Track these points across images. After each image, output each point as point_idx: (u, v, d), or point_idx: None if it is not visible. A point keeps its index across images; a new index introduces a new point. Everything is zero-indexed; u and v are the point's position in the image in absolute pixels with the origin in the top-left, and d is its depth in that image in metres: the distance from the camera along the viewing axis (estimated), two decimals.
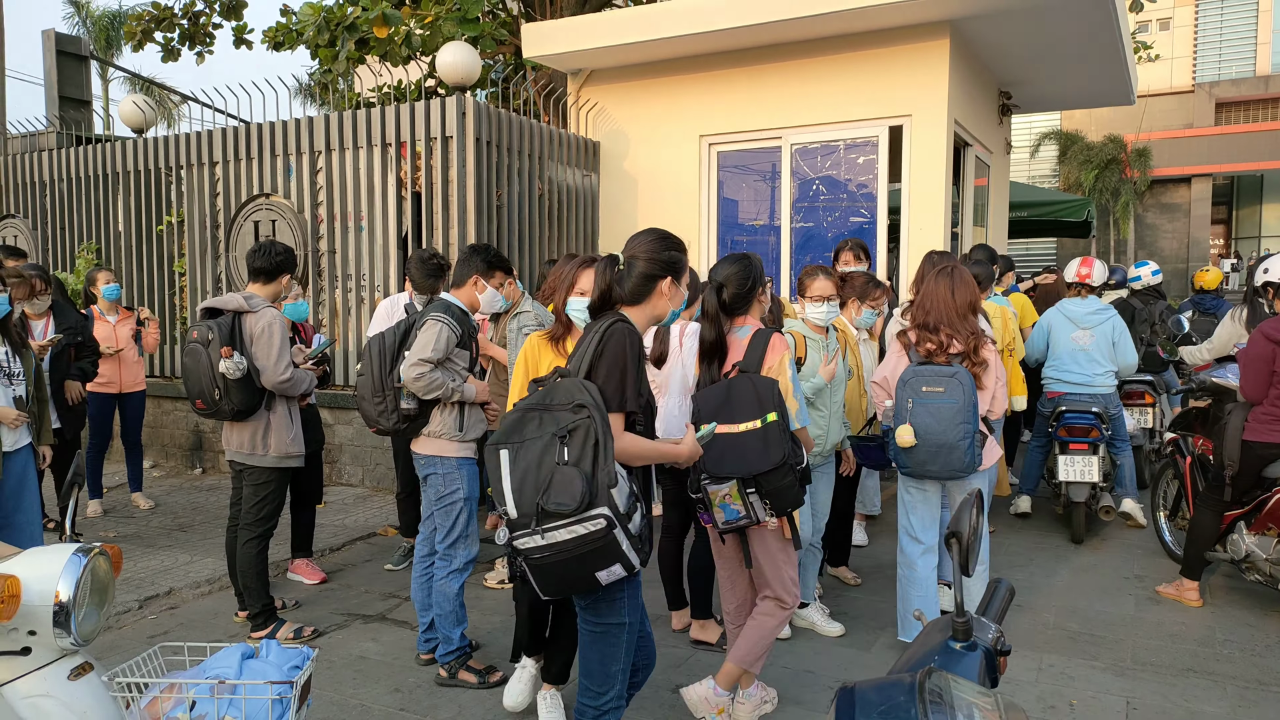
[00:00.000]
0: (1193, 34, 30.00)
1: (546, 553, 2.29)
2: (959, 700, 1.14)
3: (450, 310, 3.90)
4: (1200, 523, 4.70)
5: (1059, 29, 7.47)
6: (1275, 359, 4.26)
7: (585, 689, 2.61)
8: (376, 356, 3.92)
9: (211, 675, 2.17)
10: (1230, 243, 30.46)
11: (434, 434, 3.92)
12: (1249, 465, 4.42)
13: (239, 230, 7.88)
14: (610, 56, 8.17)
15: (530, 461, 2.29)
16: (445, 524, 3.96)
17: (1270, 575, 4.43)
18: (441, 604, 3.93)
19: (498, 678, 3.92)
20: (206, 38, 11.70)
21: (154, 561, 5.57)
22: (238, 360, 4.12)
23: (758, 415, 3.10)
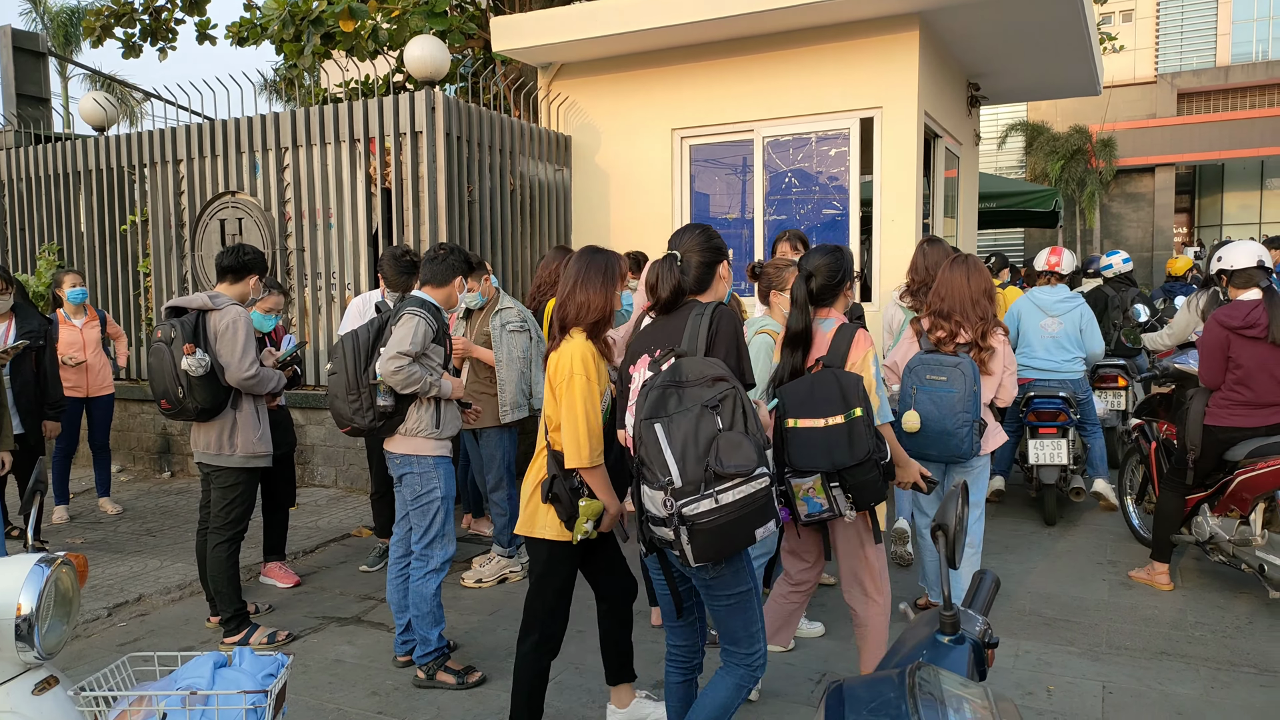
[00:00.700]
0: (1155, 25, 30.42)
1: (715, 515, 2.40)
2: (949, 695, 1.12)
3: (426, 305, 3.87)
4: (1165, 506, 4.78)
5: (1026, 19, 7.52)
6: (1229, 345, 4.34)
7: (735, 654, 2.77)
8: (350, 354, 3.83)
9: (183, 685, 2.11)
10: (1193, 231, 30.94)
11: (410, 432, 3.87)
12: (1210, 449, 4.50)
13: (204, 229, 7.75)
14: (581, 50, 8.11)
15: (687, 432, 2.42)
16: (422, 524, 3.91)
17: (1233, 555, 4.52)
18: (419, 604, 3.89)
19: (476, 678, 3.90)
20: (168, 33, 11.47)
21: (122, 568, 5.47)
22: (200, 357, 4.05)
23: (842, 410, 3.13)
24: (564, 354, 3.00)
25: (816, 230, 7.82)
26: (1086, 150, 27.24)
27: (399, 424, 3.87)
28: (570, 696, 3.74)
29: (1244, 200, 30.58)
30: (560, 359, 3.00)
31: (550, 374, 3.04)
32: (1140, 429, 5.42)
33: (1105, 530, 5.86)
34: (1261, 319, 4.27)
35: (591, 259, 3.08)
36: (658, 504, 2.47)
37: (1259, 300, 4.35)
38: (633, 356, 2.87)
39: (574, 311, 3.03)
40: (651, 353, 2.76)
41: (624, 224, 8.40)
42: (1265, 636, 4.17)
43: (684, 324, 2.76)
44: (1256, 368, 4.31)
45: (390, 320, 3.87)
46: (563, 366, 2.98)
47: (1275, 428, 4.35)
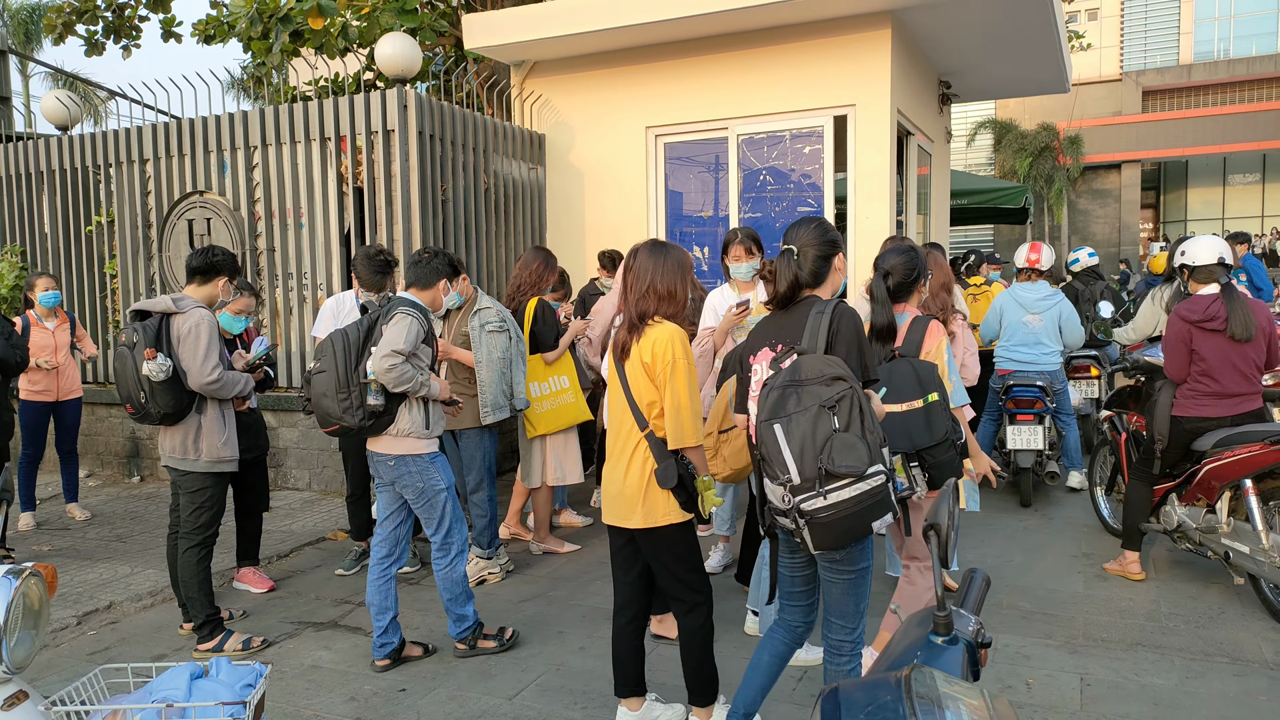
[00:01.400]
0: (1119, 24, 30.84)
1: (830, 511, 2.51)
2: (945, 696, 1.12)
3: (418, 306, 3.94)
4: (1134, 495, 4.87)
5: (997, 18, 7.58)
6: (1191, 339, 4.42)
7: (840, 628, 2.88)
8: (341, 352, 3.82)
9: (158, 698, 2.06)
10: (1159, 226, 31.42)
11: (401, 433, 3.91)
12: (1178, 439, 4.58)
13: (172, 229, 7.62)
14: (554, 48, 8.07)
15: (804, 431, 2.52)
16: (433, 516, 4.01)
17: (1200, 543, 4.60)
18: (451, 588, 4.05)
19: (510, 634, 4.21)
20: (132, 31, 11.25)
21: (92, 575, 5.37)
22: (161, 362, 3.99)
23: (919, 395, 3.34)
24: (660, 341, 3.07)
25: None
26: (1054, 147, 27.58)
27: (387, 424, 3.89)
28: (553, 698, 3.71)
29: (1207, 196, 31.11)
30: (657, 347, 3.07)
31: (646, 361, 3.08)
32: (1110, 420, 5.52)
33: (1080, 524, 5.93)
34: (1220, 312, 4.35)
35: (666, 252, 3.18)
36: (778, 498, 2.60)
37: (1218, 294, 4.43)
38: (752, 349, 2.99)
39: (654, 303, 3.13)
40: (773, 346, 2.90)
41: (598, 222, 8.37)
42: (1237, 626, 4.23)
43: (802, 319, 2.85)
44: (1219, 360, 4.39)
45: (380, 320, 3.88)
46: (662, 354, 3.05)
47: (1240, 418, 4.44)
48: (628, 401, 3.15)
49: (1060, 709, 3.50)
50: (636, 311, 3.14)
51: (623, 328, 3.20)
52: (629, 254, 3.26)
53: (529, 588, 5.04)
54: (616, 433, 3.23)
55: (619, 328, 3.25)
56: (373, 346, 3.82)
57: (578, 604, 4.77)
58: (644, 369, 3.10)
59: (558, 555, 5.59)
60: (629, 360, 3.15)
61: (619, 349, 3.19)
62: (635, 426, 3.15)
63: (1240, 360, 4.39)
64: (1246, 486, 4.28)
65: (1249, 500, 4.26)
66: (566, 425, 5.36)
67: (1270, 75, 29.02)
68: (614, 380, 3.24)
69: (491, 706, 3.65)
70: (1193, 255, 4.53)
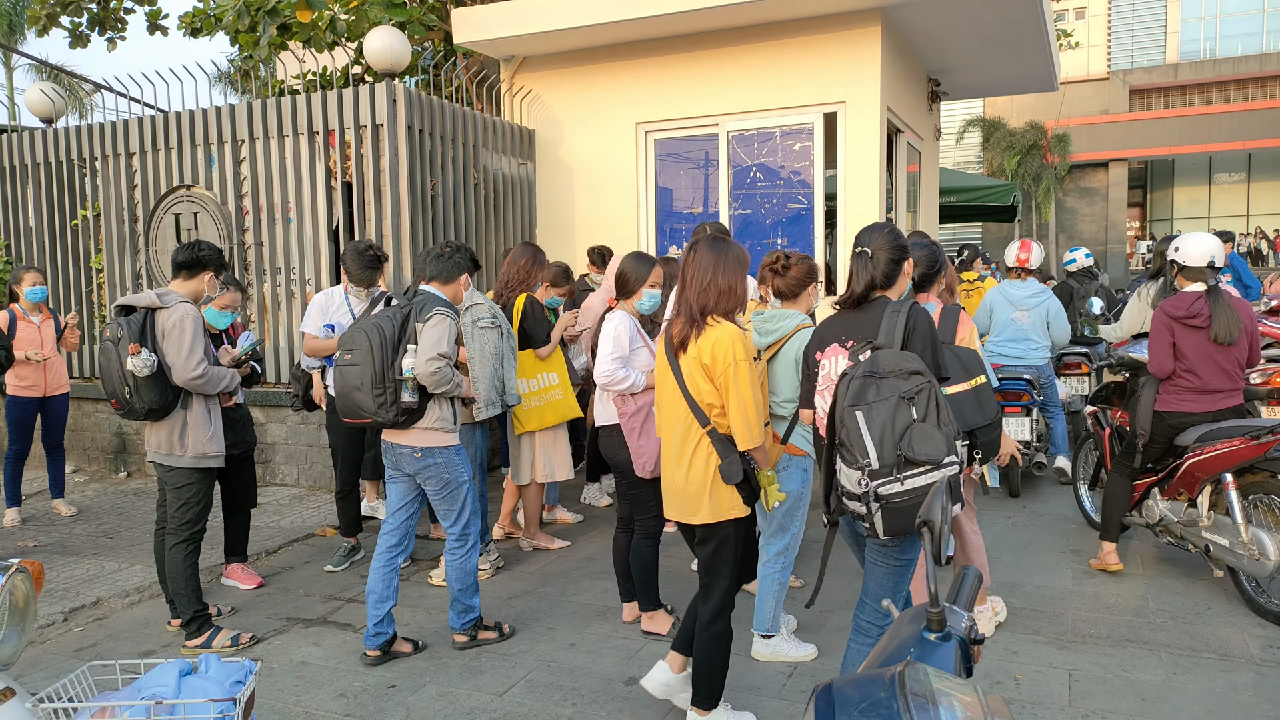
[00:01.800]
0: (1107, 23, 30.98)
1: (905, 496, 2.62)
2: (939, 692, 1.12)
3: (451, 305, 4.03)
4: (1114, 487, 4.94)
5: (986, 15, 7.60)
6: (1174, 334, 4.48)
7: (873, 610, 3.00)
8: (378, 348, 3.80)
9: (147, 695, 2.04)
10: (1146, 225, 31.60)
11: (430, 427, 3.97)
12: (1160, 434, 4.65)
13: (159, 223, 7.57)
14: (544, 43, 8.05)
15: (884, 420, 2.63)
16: (453, 508, 4.08)
17: (1181, 537, 4.67)
18: (464, 578, 4.12)
19: (508, 629, 4.28)
20: (118, 23, 11.16)
21: (78, 571, 5.33)
22: (145, 357, 3.96)
23: (968, 379, 3.47)
24: (720, 343, 3.08)
25: (781, 225, 7.85)
26: (1042, 145, 27.69)
27: (417, 419, 3.95)
28: (543, 694, 3.71)
29: (1193, 195, 31.31)
30: (717, 349, 3.08)
31: (705, 362, 3.11)
32: (1095, 416, 5.59)
33: (1067, 520, 5.96)
34: (1204, 310, 4.41)
35: (727, 247, 3.19)
36: (853, 482, 2.67)
37: (1203, 293, 4.48)
38: (820, 344, 3.11)
39: (714, 298, 3.13)
40: (842, 342, 3.03)
41: (588, 218, 8.36)
42: (1223, 621, 4.26)
43: (875, 318, 2.97)
44: (1201, 357, 4.45)
45: (412, 316, 3.89)
46: (723, 354, 3.07)
47: (1222, 413, 4.50)
48: (685, 398, 3.17)
49: (1049, 704, 3.52)
50: (698, 306, 3.14)
51: (679, 321, 3.20)
52: (688, 248, 3.24)
53: (519, 584, 5.03)
54: (673, 429, 3.25)
55: (673, 320, 3.25)
56: (409, 344, 3.83)
57: (568, 600, 4.76)
58: (703, 370, 3.12)
59: (548, 552, 5.59)
60: (685, 356, 3.16)
61: (677, 342, 3.19)
62: (694, 423, 3.17)
63: (1222, 358, 4.44)
64: (1227, 481, 4.34)
65: (1229, 494, 4.32)
66: (555, 422, 5.35)
67: (1256, 75, 29.24)
68: (667, 374, 3.24)
69: (481, 703, 3.65)
70: (1185, 253, 4.58)
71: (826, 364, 3.07)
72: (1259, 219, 30.25)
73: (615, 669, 3.91)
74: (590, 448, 6.62)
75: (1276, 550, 4.11)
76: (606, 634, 4.30)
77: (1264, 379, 6.06)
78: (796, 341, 3.72)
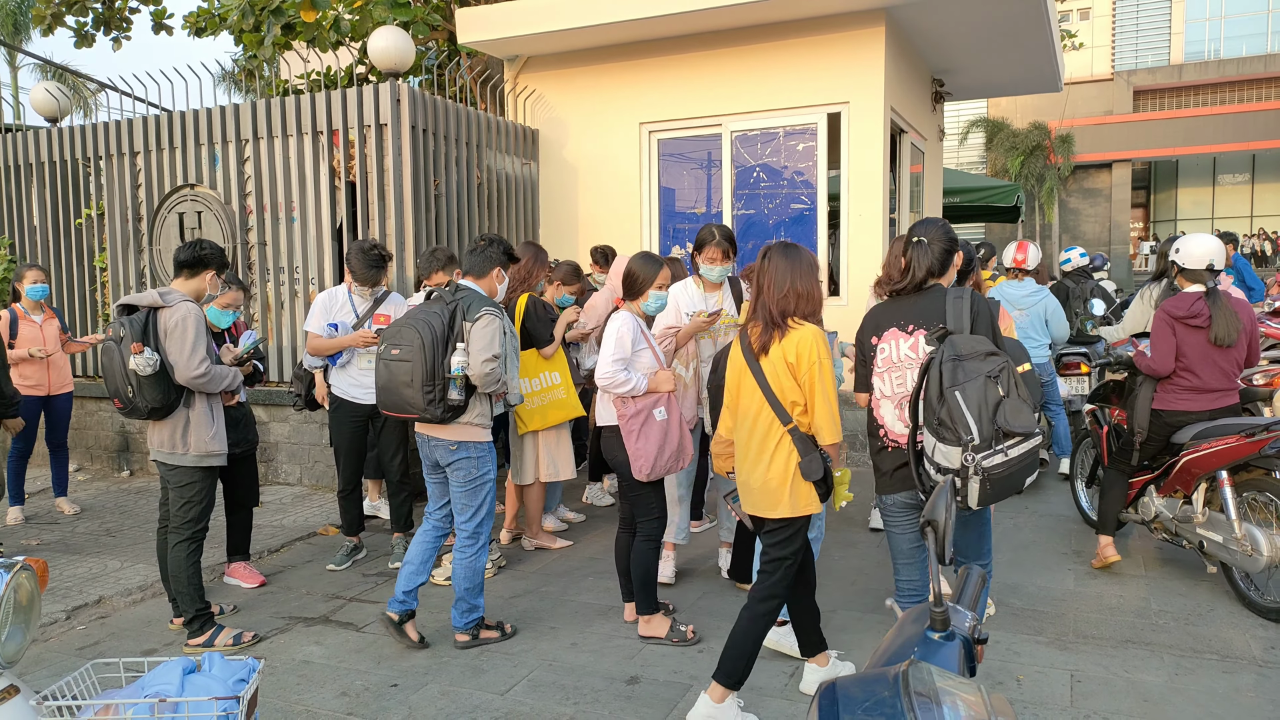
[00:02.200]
0: (1111, 24, 30.92)
1: (1004, 466, 2.92)
2: (943, 692, 1.12)
3: (495, 304, 4.06)
4: (1110, 483, 5.02)
5: (990, 16, 7.60)
6: (1175, 334, 4.56)
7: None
8: (430, 345, 3.87)
9: (151, 693, 2.05)
10: (1149, 226, 31.55)
11: (469, 421, 4.05)
12: (1157, 432, 4.73)
13: (163, 223, 7.58)
14: (547, 43, 8.05)
15: (978, 398, 2.90)
16: (473, 503, 4.10)
17: (1175, 533, 4.73)
18: (470, 577, 4.12)
19: (510, 628, 4.29)
20: (123, 22, 11.16)
21: (81, 569, 5.34)
22: (148, 356, 3.97)
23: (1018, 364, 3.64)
24: (804, 343, 3.24)
25: (785, 225, 7.84)
26: (1045, 146, 27.66)
27: (461, 414, 4.01)
28: (545, 694, 3.71)
29: (1197, 196, 31.26)
30: (801, 348, 3.24)
31: (791, 361, 3.25)
32: (1093, 414, 5.62)
33: (1069, 520, 5.95)
34: (1204, 310, 4.49)
35: (800, 254, 3.35)
36: (954, 459, 2.94)
37: (1202, 293, 4.56)
38: (876, 329, 3.33)
39: (794, 302, 3.29)
40: (901, 326, 3.26)
41: (591, 218, 8.36)
42: (1226, 623, 4.26)
43: (932, 304, 3.23)
44: (1200, 356, 4.52)
45: (459, 314, 3.95)
46: (807, 354, 3.23)
47: (1218, 412, 4.57)
48: (767, 398, 3.29)
49: (1050, 705, 3.52)
50: (778, 310, 3.28)
51: (757, 325, 3.33)
52: (761, 255, 3.37)
53: (521, 584, 5.03)
54: (752, 429, 3.35)
55: (750, 325, 3.38)
56: (458, 343, 3.91)
57: (570, 600, 4.77)
58: (788, 368, 3.26)
59: (550, 551, 5.59)
60: (767, 358, 3.29)
61: (757, 347, 3.32)
62: (775, 422, 3.29)
63: (1221, 358, 4.52)
64: (1222, 478, 4.41)
65: (1224, 491, 4.38)
66: (557, 422, 5.35)
67: (1260, 76, 29.17)
68: (746, 376, 3.36)
69: (483, 702, 3.65)
70: (1186, 254, 4.66)
71: (886, 347, 3.29)
72: (1262, 220, 30.20)
73: (617, 668, 3.91)
74: (593, 447, 6.62)
75: (1269, 546, 4.17)
76: (608, 633, 4.30)
77: (1267, 380, 6.07)
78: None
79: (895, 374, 3.31)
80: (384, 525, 6.10)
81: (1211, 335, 4.46)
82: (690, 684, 3.73)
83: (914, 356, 3.26)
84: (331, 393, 5.38)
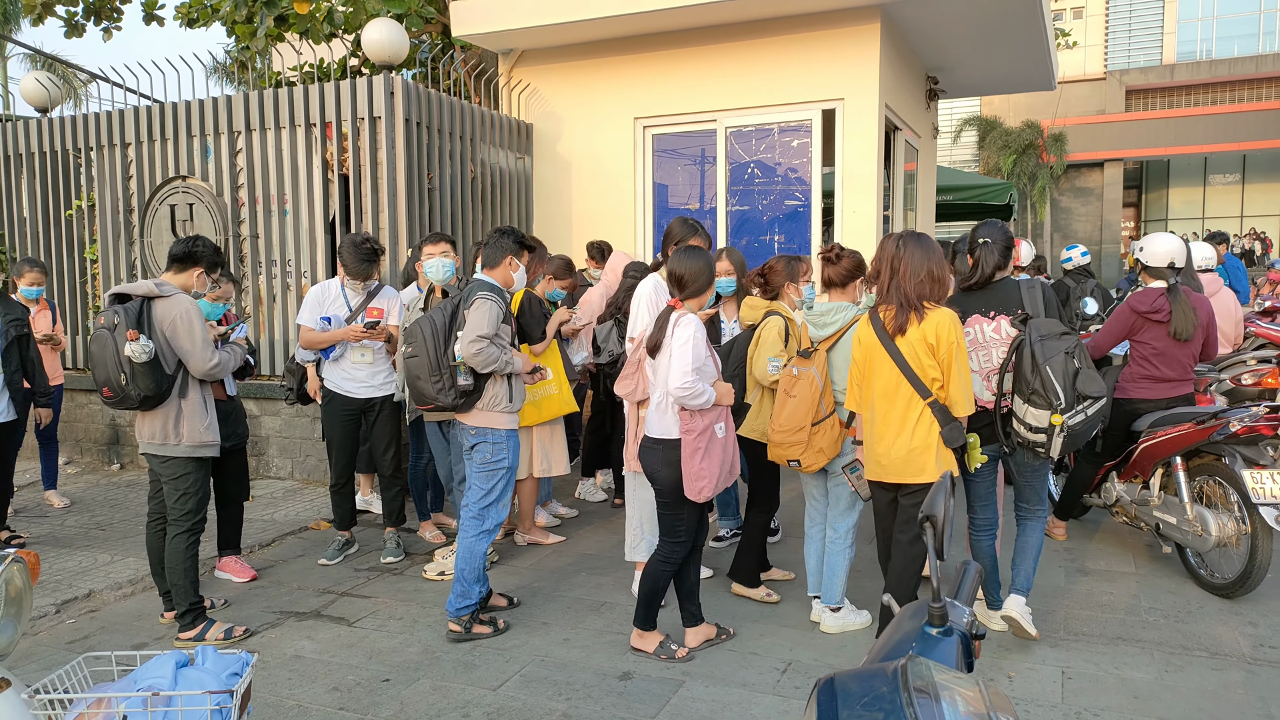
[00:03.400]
0: (1104, 23, 30.98)
1: (1083, 423, 3.71)
2: (941, 687, 1.12)
3: (494, 288, 4.19)
4: (1080, 473, 5.30)
5: (985, 13, 7.60)
6: (1134, 327, 4.86)
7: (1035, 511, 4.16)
8: (431, 338, 4.12)
9: (144, 686, 2.03)
10: (1140, 225, 31.65)
11: (486, 406, 4.19)
12: (1119, 420, 4.98)
13: (154, 214, 7.53)
14: (542, 36, 8.03)
15: (1062, 370, 3.66)
16: (484, 486, 4.22)
17: (1135, 516, 5.00)
18: (469, 560, 4.18)
19: (503, 624, 4.29)
20: (114, 13, 11.08)
21: (71, 562, 5.31)
22: (144, 343, 3.95)
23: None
24: (943, 325, 3.55)
25: (779, 221, 7.85)
26: (1038, 145, 27.70)
27: (477, 400, 4.19)
28: (537, 689, 3.71)
29: (1188, 196, 31.37)
30: (941, 330, 3.54)
31: (931, 341, 3.55)
32: None
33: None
34: (1165, 305, 4.77)
35: (931, 243, 3.64)
36: (1043, 420, 3.69)
37: (1164, 289, 4.83)
38: (962, 316, 3.88)
39: (929, 287, 3.59)
40: (984, 313, 3.95)
41: (586, 213, 8.35)
42: (1215, 620, 4.28)
43: (1005, 293, 3.95)
44: (1161, 348, 4.82)
45: (460, 305, 4.15)
46: (946, 336, 3.54)
47: (1174, 400, 4.85)
48: (905, 374, 3.59)
49: (1041, 701, 3.53)
50: (915, 294, 3.57)
51: (890, 309, 3.62)
52: (892, 243, 3.62)
53: (513, 579, 5.03)
54: (891, 404, 3.62)
55: (884, 308, 3.64)
56: (458, 331, 4.10)
57: (562, 595, 4.76)
58: (929, 348, 3.56)
59: (542, 546, 5.58)
60: (904, 338, 3.58)
61: (892, 328, 3.60)
62: (914, 397, 3.59)
63: (1179, 351, 4.81)
64: (1176, 463, 4.69)
65: (1178, 476, 4.66)
66: (551, 417, 5.34)
67: (1251, 76, 29.28)
68: (880, 355, 3.64)
69: (475, 697, 3.65)
70: (1150, 253, 4.92)
71: (972, 331, 3.94)
72: (1253, 220, 30.31)
73: (609, 664, 3.91)
74: (586, 442, 6.61)
75: (1216, 527, 4.45)
76: (600, 629, 4.30)
77: (1256, 379, 6.11)
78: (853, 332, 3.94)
79: (982, 352, 3.94)
80: (376, 520, 6.09)
81: (1171, 329, 4.73)
82: (682, 680, 3.73)
83: (998, 338, 3.91)
84: (324, 386, 5.36)
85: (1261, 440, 4.41)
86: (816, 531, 4.36)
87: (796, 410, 4.02)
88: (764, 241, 7.86)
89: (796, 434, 4.00)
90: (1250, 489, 4.27)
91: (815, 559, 4.34)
